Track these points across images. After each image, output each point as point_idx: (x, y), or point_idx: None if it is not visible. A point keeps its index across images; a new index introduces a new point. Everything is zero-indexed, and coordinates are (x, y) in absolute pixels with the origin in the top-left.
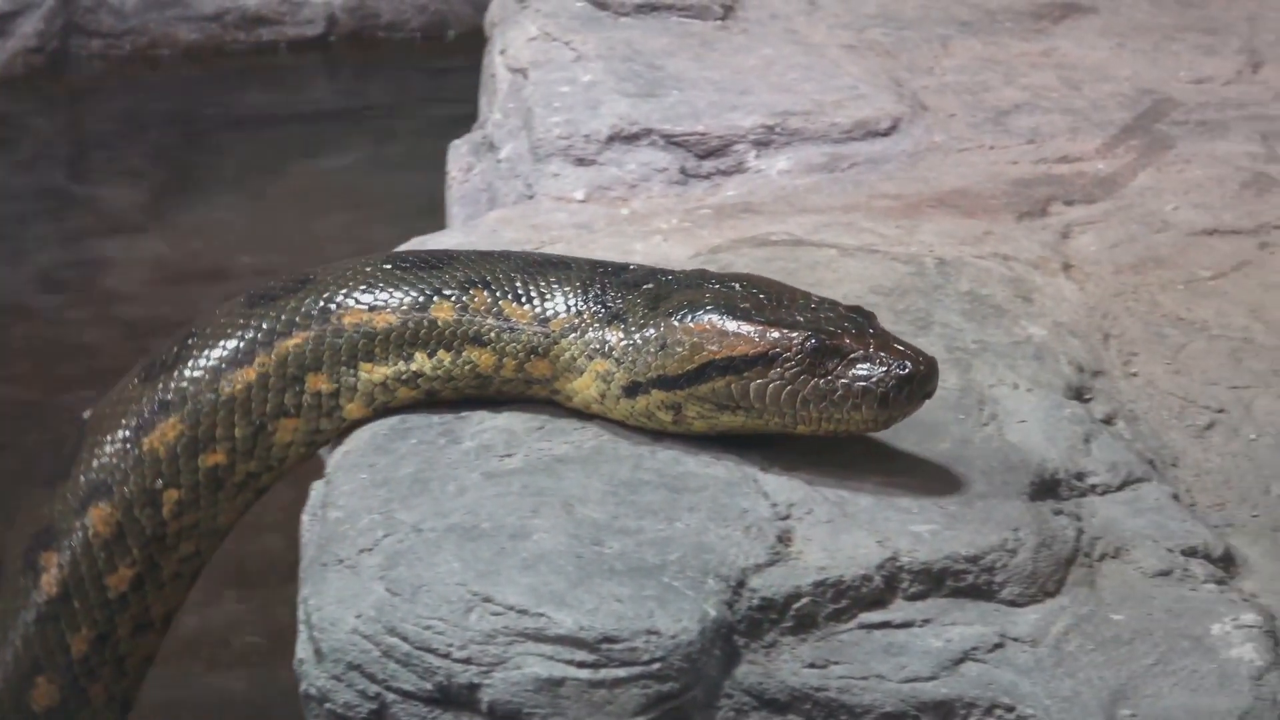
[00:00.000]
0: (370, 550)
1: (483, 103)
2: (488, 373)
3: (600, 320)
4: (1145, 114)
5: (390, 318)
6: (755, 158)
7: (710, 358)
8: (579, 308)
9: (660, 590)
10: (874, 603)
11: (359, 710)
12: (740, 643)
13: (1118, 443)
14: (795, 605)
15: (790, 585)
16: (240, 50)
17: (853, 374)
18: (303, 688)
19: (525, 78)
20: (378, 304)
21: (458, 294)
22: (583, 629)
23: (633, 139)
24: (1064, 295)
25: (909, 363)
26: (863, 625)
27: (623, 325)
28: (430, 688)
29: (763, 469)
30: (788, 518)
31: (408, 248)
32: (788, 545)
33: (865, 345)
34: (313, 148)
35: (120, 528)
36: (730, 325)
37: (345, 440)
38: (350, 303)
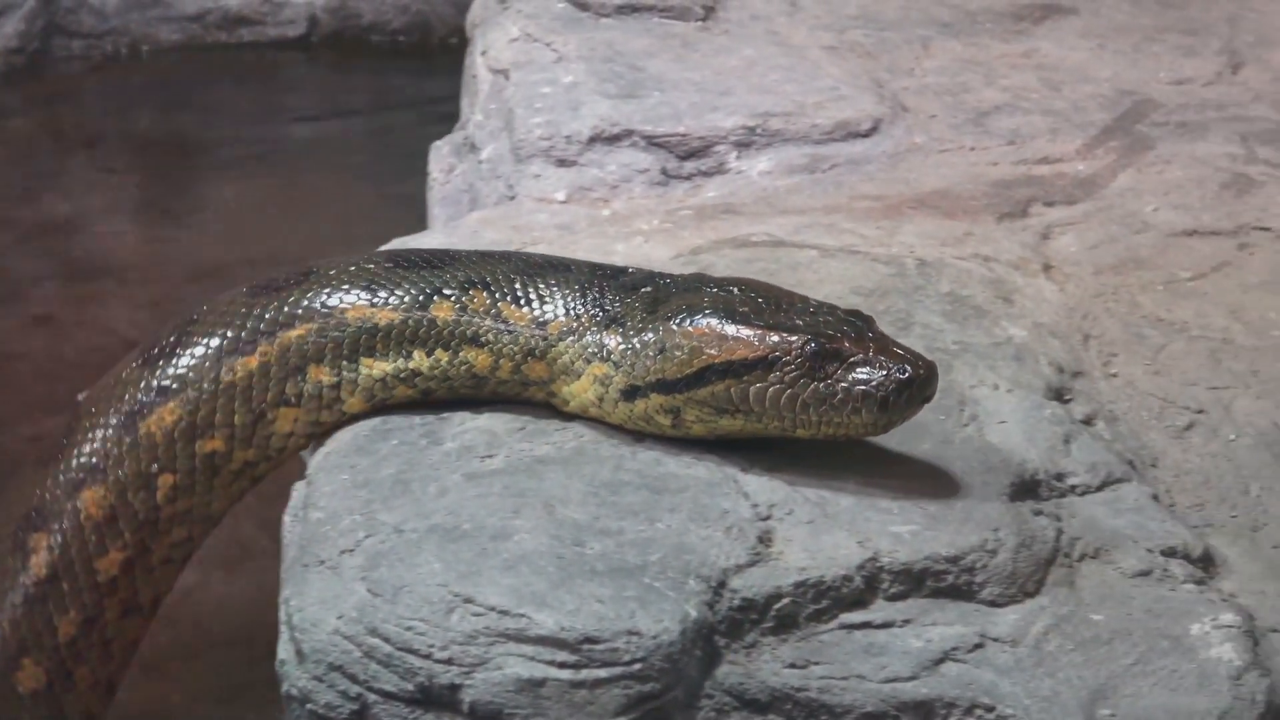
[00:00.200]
0: (352, 551)
1: (464, 104)
2: (483, 373)
3: (598, 324)
4: (1125, 115)
5: (392, 314)
6: (736, 159)
7: (709, 362)
8: (577, 311)
9: (641, 591)
10: (854, 603)
11: (340, 711)
12: (721, 643)
13: (1097, 443)
14: (776, 606)
15: (771, 586)
16: (222, 51)
17: (852, 378)
18: (284, 688)
19: (507, 79)
20: (380, 300)
21: (458, 294)
22: (564, 630)
23: (614, 140)
24: (1044, 296)
25: (909, 366)
26: (843, 625)
27: (621, 329)
28: (411, 688)
29: (743, 470)
30: (768, 518)
31: (389, 249)
32: (768, 546)
33: (865, 349)
34: (293, 148)
35: (113, 511)
36: (729, 329)
37: (327, 441)
38: (354, 297)
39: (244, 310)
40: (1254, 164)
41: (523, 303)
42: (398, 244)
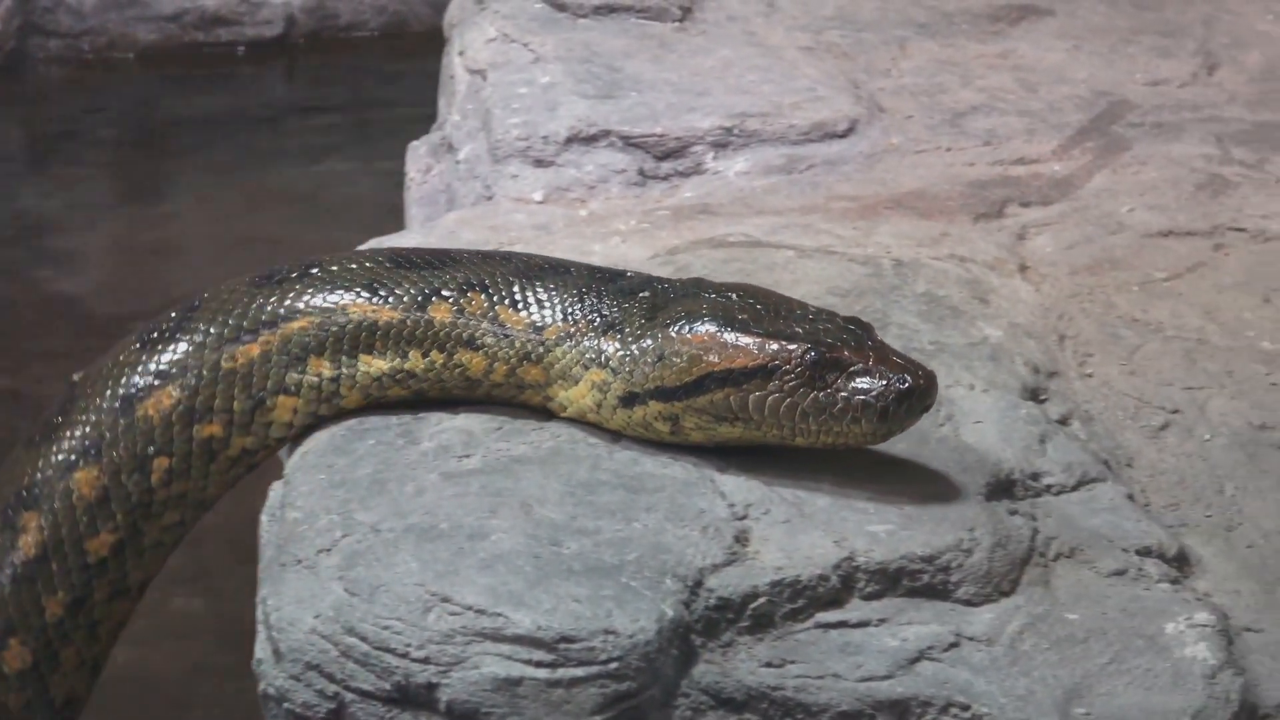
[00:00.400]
0: (329, 551)
1: (441, 104)
2: (477, 376)
3: (596, 329)
4: (1101, 116)
5: (392, 313)
6: (713, 159)
7: (709, 369)
8: (575, 316)
9: (618, 590)
10: (830, 602)
11: (317, 710)
12: (697, 642)
13: (1073, 443)
14: (752, 605)
15: (747, 585)
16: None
17: (852, 387)
18: (261, 687)
19: (484, 79)
20: (381, 298)
21: (456, 296)
22: (540, 629)
23: (591, 140)
24: (1020, 296)
25: (909, 376)
26: (819, 625)
27: (619, 335)
28: (389, 687)
29: (720, 469)
30: (745, 518)
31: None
32: (745, 545)
33: (865, 358)
34: (271, 148)
35: (105, 492)
36: (729, 337)
37: (304, 441)
38: (356, 294)
39: (247, 300)
40: (1229, 165)
41: (520, 306)
42: (374, 244)
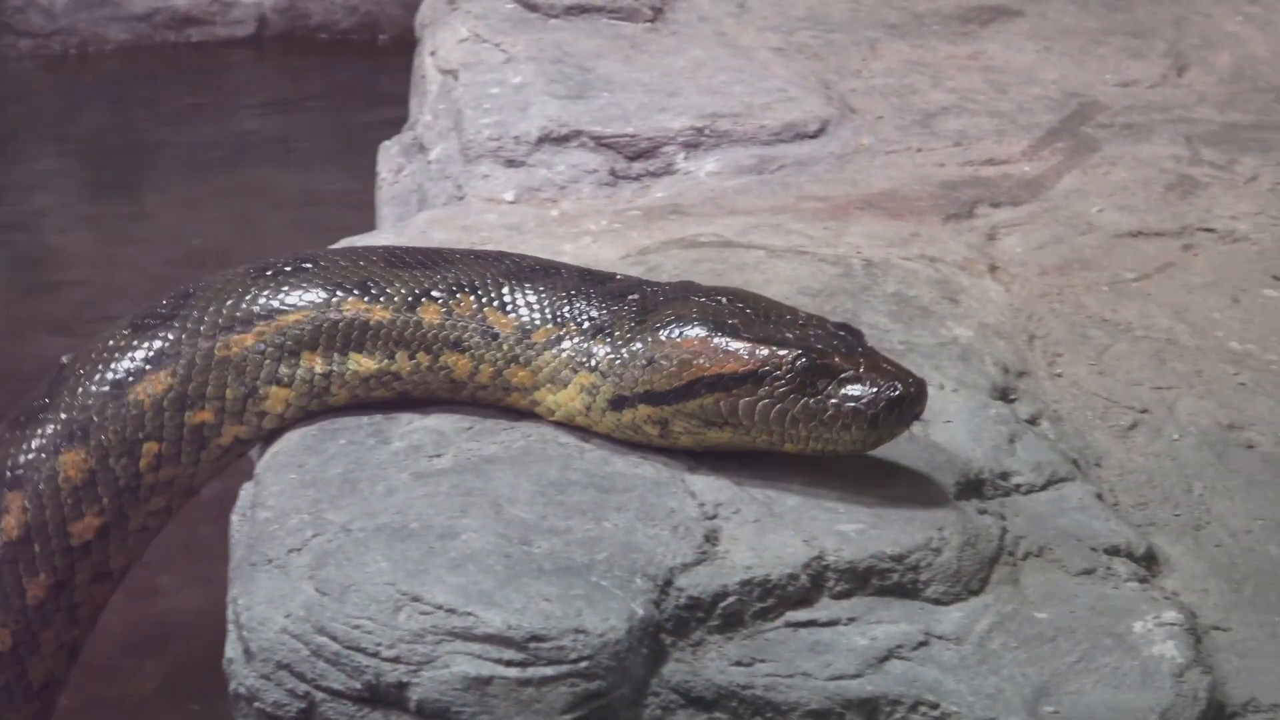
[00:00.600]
0: (299, 550)
1: (413, 104)
2: (462, 378)
3: (585, 333)
4: (1071, 117)
5: (384, 313)
6: (684, 159)
7: (699, 374)
8: (563, 319)
9: (588, 589)
10: (800, 601)
11: (288, 709)
12: (667, 641)
13: (1042, 443)
14: (722, 604)
15: (717, 584)
16: (170, 50)
17: (843, 394)
18: (232, 687)
19: (455, 79)
20: (375, 297)
21: (445, 297)
22: (511, 628)
23: (562, 140)
24: (990, 297)
25: (899, 384)
26: (789, 624)
27: (609, 338)
28: (359, 686)
29: (690, 469)
30: (715, 517)
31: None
32: (715, 545)
33: (855, 365)
34: (242, 148)
35: (93, 475)
36: (719, 341)
37: (274, 441)
38: (349, 291)
39: (241, 290)
40: (1198, 165)
41: (509, 309)
42: (346, 244)
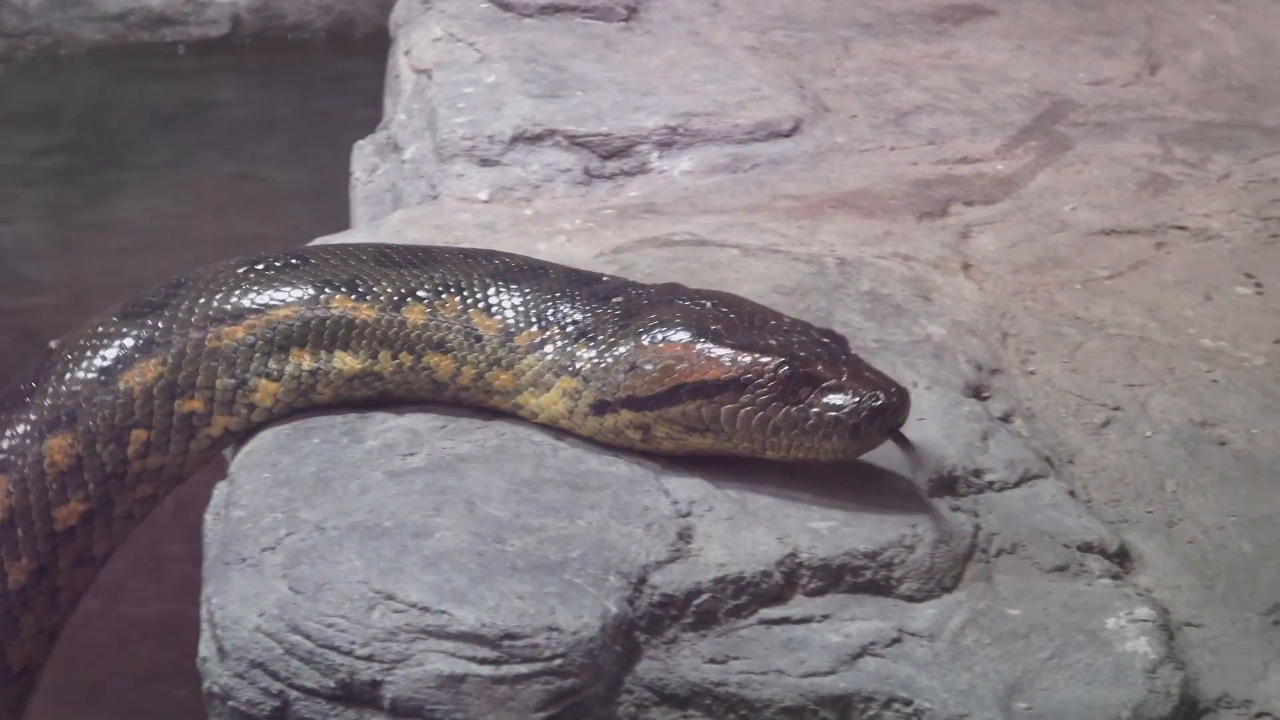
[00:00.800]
0: (273, 549)
1: (387, 103)
2: (444, 379)
3: (569, 337)
4: (1044, 115)
5: (370, 311)
6: (658, 158)
7: (681, 380)
8: (548, 322)
9: (562, 587)
10: (774, 599)
11: (262, 708)
12: (641, 639)
13: (1015, 440)
14: (696, 601)
15: (691, 582)
16: (145, 50)
17: (825, 403)
18: (206, 686)
19: (429, 78)
20: (361, 295)
21: (430, 297)
22: (484, 626)
23: (536, 140)
24: (963, 294)
25: (881, 394)
26: (762, 621)
27: (592, 342)
28: (333, 685)
29: (664, 467)
30: (689, 515)
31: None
32: (689, 542)
33: (838, 374)
34: (217, 148)
35: (79, 460)
36: (702, 347)
37: (248, 440)
38: (338, 288)
39: (233, 283)
40: (1171, 164)
41: (494, 311)
42: (319, 243)
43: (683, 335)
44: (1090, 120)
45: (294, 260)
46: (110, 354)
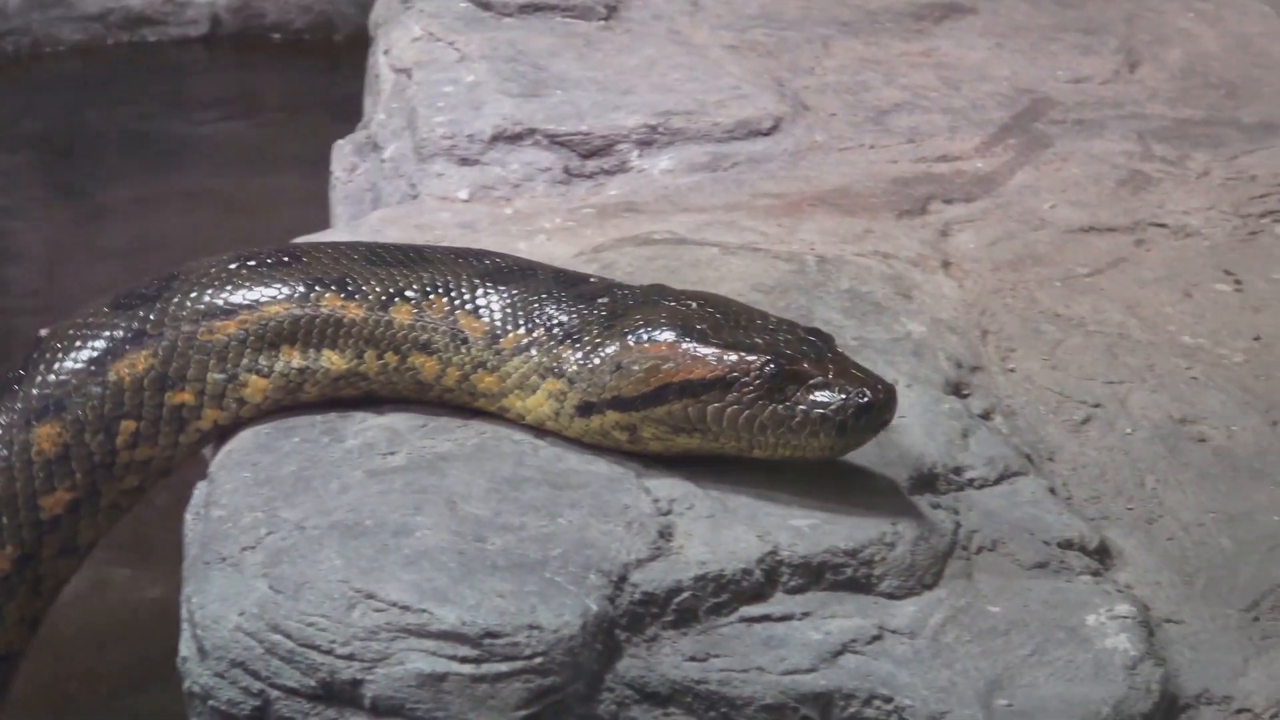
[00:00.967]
0: (253, 548)
1: (367, 103)
2: (429, 380)
3: (555, 338)
4: (1024, 113)
5: (358, 310)
6: (638, 157)
7: (667, 380)
8: (533, 323)
9: (542, 586)
10: (754, 596)
11: (243, 707)
12: (622, 637)
13: (995, 437)
14: (676, 599)
15: (671, 580)
16: (124, 50)
17: (811, 400)
18: (186, 685)
19: (409, 78)
20: (350, 294)
21: (418, 297)
22: (465, 624)
23: (516, 139)
24: (943, 292)
25: (868, 391)
26: (743, 619)
27: (577, 344)
28: (313, 684)
29: (645, 466)
30: (669, 513)
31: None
32: (669, 540)
33: (825, 371)
34: (197, 148)
35: (67, 449)
36: (687, 347)
37: (229, 440)
38: (329, 287)
39: (225, 278)
40: (1150, 161)
41: (480, 313)
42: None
43: (668, 335)
44: (1069, 118)
45: (286, 257)
46: (101, 344)
